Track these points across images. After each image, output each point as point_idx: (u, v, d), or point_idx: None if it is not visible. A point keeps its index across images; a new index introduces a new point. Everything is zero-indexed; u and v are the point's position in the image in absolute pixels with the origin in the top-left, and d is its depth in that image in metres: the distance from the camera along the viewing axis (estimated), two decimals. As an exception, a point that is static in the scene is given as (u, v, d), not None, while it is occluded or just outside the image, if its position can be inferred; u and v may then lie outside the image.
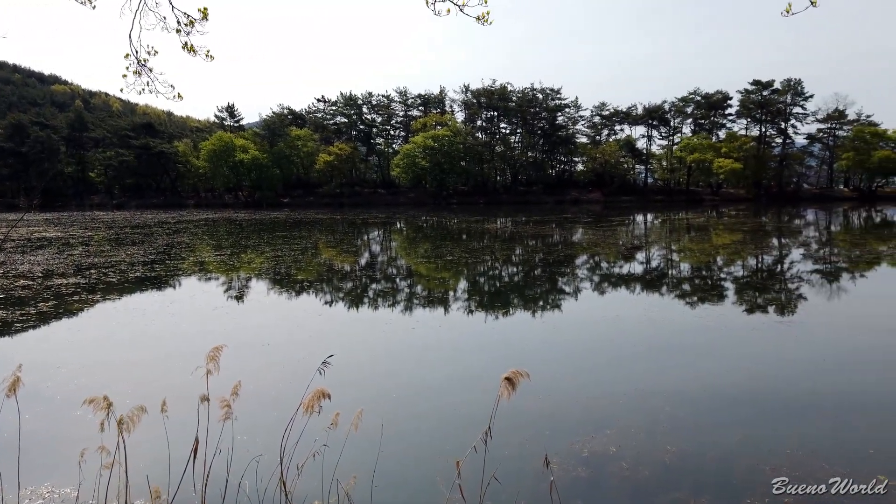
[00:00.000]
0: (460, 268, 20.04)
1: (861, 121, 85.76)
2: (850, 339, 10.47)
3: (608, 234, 33.24)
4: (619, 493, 5.09)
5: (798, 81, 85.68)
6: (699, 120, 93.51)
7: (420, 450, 6.04)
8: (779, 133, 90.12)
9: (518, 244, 28.60)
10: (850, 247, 25.58)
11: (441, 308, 13.57)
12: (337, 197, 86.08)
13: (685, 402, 7.19)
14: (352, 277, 18.92)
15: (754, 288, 15.99)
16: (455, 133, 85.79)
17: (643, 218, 51.31)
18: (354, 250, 26.94)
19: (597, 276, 18.59)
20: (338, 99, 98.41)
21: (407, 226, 44.32)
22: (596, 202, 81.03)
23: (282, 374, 8.45)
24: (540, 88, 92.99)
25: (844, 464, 5.44)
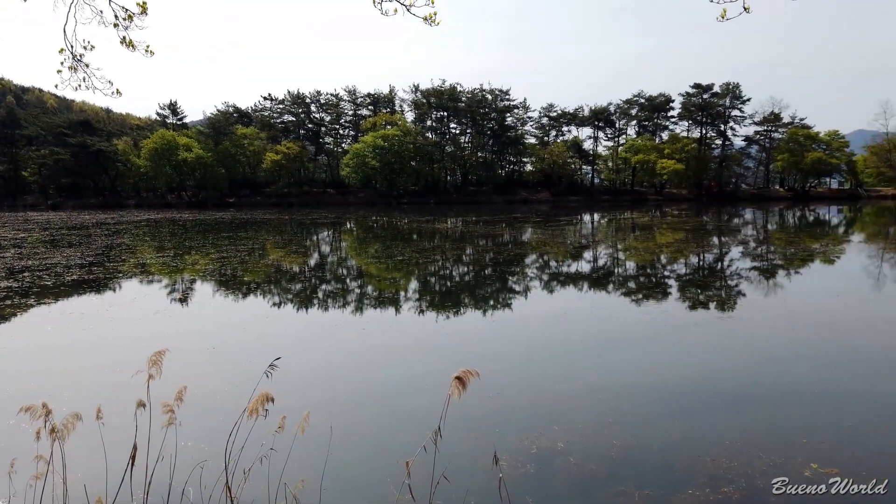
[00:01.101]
0: (411, 268, 20.02)
1: (795, 124, 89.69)
2: (786, 333, 10.92)
3: (557, 234, 33.77)
4: (567, 488, 5.17)
5: (736, 85, 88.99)
6: (643, 122, 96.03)
7: (369, 451, 6.00)
8: (718, 135, 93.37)
9: (468, 244, 28.75)
10: (786, 245, 26.69)
11: (392, 308, 13.52)
12: (285, 197, 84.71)
13: (631, 397, 7.36)
14: (300, 279, 18.66)
15: (696, 285, 16.50)
16: (405, 133, 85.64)
17: (590, 217, 52.33)
18: (303, 251, 26.57)
19: (546, 274, 18.86)
20: (285, 97, 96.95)
21: (357, 226, 43.99)
22: (545, 202, 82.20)
23: (228, 379, 8.27)
24: (489, 89, 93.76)
25: (779, 453, 5.67)
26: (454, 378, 3.72)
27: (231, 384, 7.98)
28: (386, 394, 7.77)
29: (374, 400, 7.56)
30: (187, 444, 5.83)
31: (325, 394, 7.72)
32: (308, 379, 8.30)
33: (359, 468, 5.63)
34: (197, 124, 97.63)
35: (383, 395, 7.74)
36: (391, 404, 7.33)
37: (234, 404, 6.62)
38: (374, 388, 8.02)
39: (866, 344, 9.95)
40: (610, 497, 4.99)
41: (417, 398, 7.44)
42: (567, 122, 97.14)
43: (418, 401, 7.32)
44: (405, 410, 7.05)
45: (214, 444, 5.77)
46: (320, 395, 7.61)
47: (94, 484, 4.51)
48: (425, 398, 7.29)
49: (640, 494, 5.01)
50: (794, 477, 5.20)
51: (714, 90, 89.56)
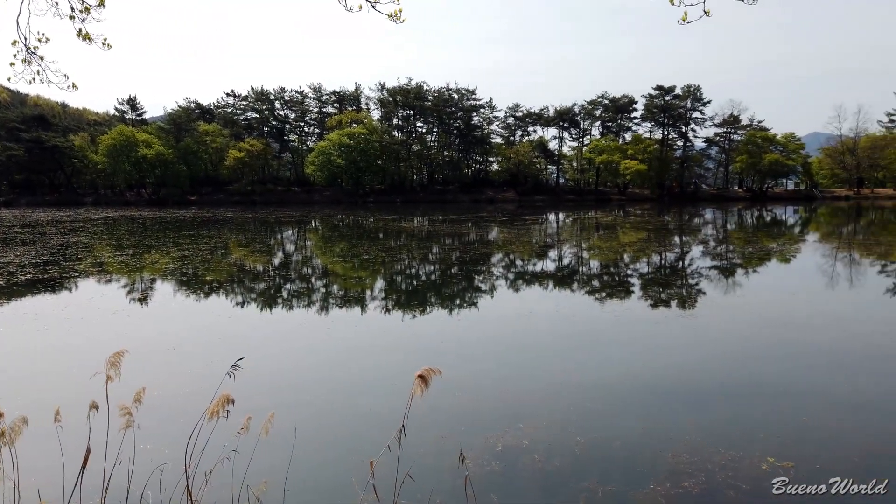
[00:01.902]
0: (377, 267, 19.93)
1: (753, 126, 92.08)
2: (745, 330, 11.20)
3: (522, 233, 34.01)
4: (532, 485, 5.21)
5: (697, 88, 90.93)
6: (607, 122, 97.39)
7: (334, 451, 5.95)
8: (680, 136, 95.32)
9: (435, 243, 28.75)
10: (744, 244, 27.36)
11: (357, 307, 13.44)
12: (248, 195, 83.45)
13: (594, 394, 7.46)
14: (264, 278, 18.42)
15: (658, 283, 16.80)
16: (371, 131, 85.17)
17: (555, 217, 52.84)
18: (267, 250, 26.23)
19: (511, 273, 18.97)
20: (249, 94, 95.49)
21: (322, 224, 43.61)
22: (511, 201, 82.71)
23: (189, 380, 8.11)
24: (455, 88, 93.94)
25: (738, 447, 5.81)
26: (417, 376, 3.72)
27: (192, 385, 7.83)
28: (351, 394, 7.72)
29: (339, 400, 7.50)
30: (146, 447, 5.71)
31: (290, 394, 7.63)
32: (272, 379, 8.19)
33: (323, 469, 5.58)
34: (157, 120, 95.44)
35: (348, 395, 7.69)
36: (356, 404, 7.29)
37: (196, 406, 6.49)
38: (340, 388, 7.96)
39: (820, 340, 10.26)
40: (574, 493, 5.05)
41: (383, 398, 7.41)
42: (532, 123, 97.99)
43: (384, 400, 7.29)
44: (370, 410, 7.02)
45: (175, 447, 5.66)
46: (284, 396, 7.53)
47: (48, 489, 4.38)
48: (391, 398, 7.27)
49: (603, 490, 5.07)
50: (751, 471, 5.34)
51: (676, 92, 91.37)
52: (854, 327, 11.28)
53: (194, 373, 8.44)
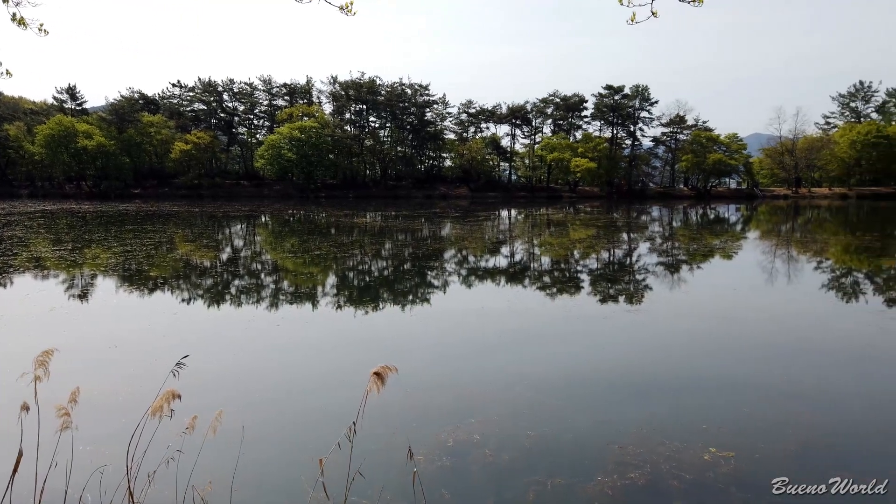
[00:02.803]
0: (329, 262, 19.71)
1: (698, 126, 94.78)
2: (689, 325, 11.54)
3: (475, 229, 34.18)
4: (482, 480, 5.25)
5: (645, 88, 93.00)
6: (558, 121, 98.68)
7: (283, 450, 5.86)
8: (628, 135, 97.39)
9: (388, 238, 28.62)
10: (689, 241, 28.17)
11: (308, 304, 13.26)
12: (195, 188, 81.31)
13: (544, 388, 7.55)
14: (212, 274, 17.99)
15: (607, 280, 17.13)
16: (323, 125, 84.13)
17: (508, 213, 53.30)
18: (215, 245, 25.62)
19: (464, 269, 19.05)
20: (195, 84, 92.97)
21: (272, 219, 42.86)
22: (463, 197, 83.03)
23: (131, 379, 7.85)
24: (409, 84, 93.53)
25: (681, 439, 5.98)
26: (372, 373, 3.69)
27: (134, 385, 7.59)
28: (301, 391, 7.61)
29: (288, 397, 7.39)
30: (85, 449, 5.50)
31: (238, 392, 7.48)
32: (219, 377, 8.01)
33: (271, 467, 5.49)
34: (98, 110, 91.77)
35: (298, 392, 7.58)
36: (306, 401, 7.19)
37: (138, 405, 6.30)
38: (289, 386, 7.85)
39: (758, 334, 10.65)
40: (523, 486, 5.11)
41: (334, 395, 7.34)
42: (485, 119, 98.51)
43: (334, 398, 7.22)
44: (321, 408, 6.94)
45: (115, 448, 5.48)
46: (232, 394, 7.37)
47: (-23, 495, 4.16)
48: (342, 395, 7.20)
49: (551, 483, 5.15)
50: (693, 461, 5.51)
51: (625, 92, 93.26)
52: (790, 321, 11.75)
53: (136, 372, 8.18)
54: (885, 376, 8.25)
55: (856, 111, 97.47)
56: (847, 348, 9.58)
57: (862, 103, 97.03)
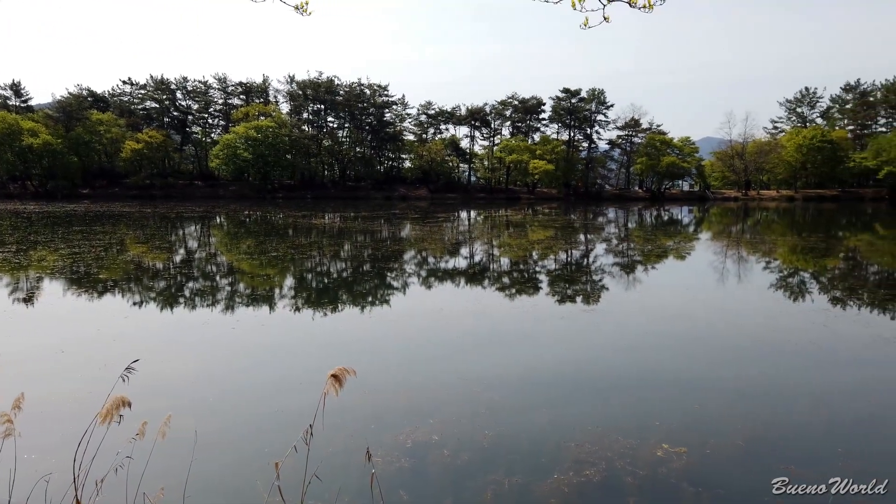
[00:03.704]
0: (286, 264, 19.46)
1: (652, 129, 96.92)
2: (643, 324, 11.78)
3: (434, 231, 34.21)
4: (441, 480, 5.26)
5: (601, 91, 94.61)
6: (517, 123, 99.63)
7: (238, 454, 5.76)
8: (585, 138, 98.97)
9: (347, 240, 28.41)
10: (644, 242, 28.77)
11: (265, 306, 13.06)
12: (147, 189, 79.24)
13: (502, 388, 7.61)
14: (164, 276, 17.55)
15: (564, 280, 17.36)
16: (280, 125, 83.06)
17: (467, 215, 53.50)
18: (168, 246, 25.00)
19: (424, 271, 19.05)
20: (147, 82, 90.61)
21: (228, 220, 42.08)
22: (423, 199, 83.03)
23: (79, 384, 7.60)
24: (367, 84, 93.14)
25: (636, 436, 6.10)
26: (330, 376, 3.66)
27: (82, 390, 7.35)
28: (257, 394, 7.49)
29: (243, 401, 7.26)
30: (30, 457, 5.31)
31: (190, 396, 7.31)
32: (171, 382, 7.82)
33: (225, 472, 5.39)
34: (45, 107, 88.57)
35: (254, 395, 7.46)
36: (262, 405, 7.08)
37: (86, 412, 6.10)
38: (244, 389, 7.71)
39: (710, 332, 10.95)
40: (481, 485, 5.13)
41: (290, 398, 7.24)
42: (445, 121, 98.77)
43: (291, 401, 7.13)
44: (277, 411, 6.84)
45: (62, 455, 5.31)
46: (185, 399, 7.20)
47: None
48: (299, 398, 7.11)
49: (509, 481, 5.19)
50: (647, 458, 5.63)
51: (581, 95, 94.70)
52: (740, 320, 12.11)
53: (84, 377, 7.92)
54: (828, 372, 8.57)
55: (802, 116, 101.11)
56: (794, 345, 9.92)
57: (808, 109, 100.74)
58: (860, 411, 6.97)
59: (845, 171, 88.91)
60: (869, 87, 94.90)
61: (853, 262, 21.60)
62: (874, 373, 8.52)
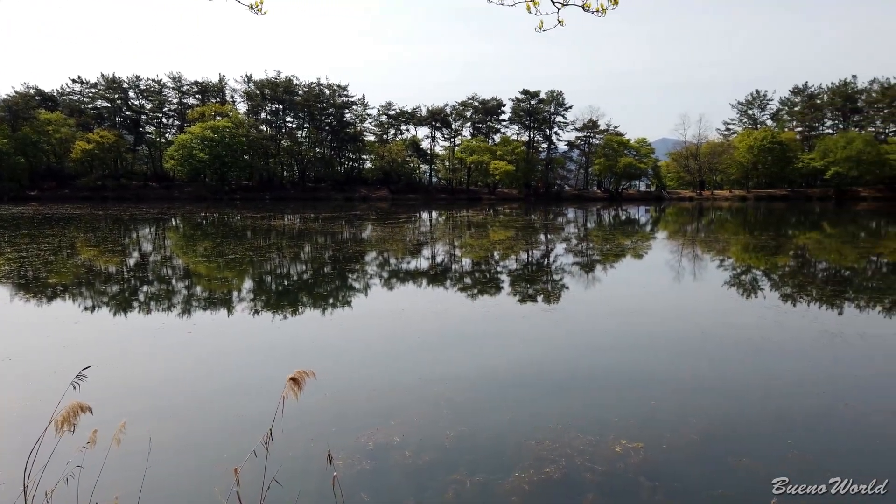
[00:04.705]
0: (244, 266, 19.15)
1: (610, 131, 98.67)
2: (602, 322, 11.98)
3: (396, 231, 34.12)
4: (402, 481, 5.25)
5: (560, 93, 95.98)
6: (477, 124, 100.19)
7: (195, 460, 5.65)
8: (544, 139, 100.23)
9: (307, 241, 28.11)
10: (602, 242, 29.23)
11: (223, 310, 12.84)
12: (99, 190, 76.96)
13: (464, 388, 7.64)
14: (118, 280, 17.08)
15: (525, 280, 17.52)
16: (237, 125, 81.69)
17: (429, 215, 53.51)
18: (121, 250, 24.33)
19: (385, 271, 18.98)
20: (98, 81, 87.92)
21: (184, 222, 41.19)
22: (384, 199, 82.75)
23: (27, 393, 7.35)
24: (327, 84, 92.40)
25: (594, 432, 6.20)
26: (289, 379, 3.62)
27: (31, 399, 7.11)
28: (214, 399, 7.36)
29: (201, 406, 7.12)
30: (-26, 471, 5.11)
31: (145, 403, 7.14)
32: (125, 388, 7.62)
33: (182, 479, 5.28)
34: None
35: (212, 400, 7.32)
36: (220, 410, 6.96)
37: (35, 421, 5.92)
38: (202, 395, 7.56)
39: (667, 330, 11.19)
40: (442, 485, 5.15)
41: (250, 402, 7.13)
42: (405, 122, 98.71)
43: (250, 405, 7.02)
44: (236, 416, 6.73)
45: (10, 467, 5.13)
46: (139, 405, 7.02)
47: None
48: (258, 402, 7.01)
49: (471, 481, 5.21)
50: (606, 454, 5.73)
51: (540, 97, 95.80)
52: (696, 317, 12.42)
53: (34, 386, 7.66)
54: (779, 367, 8.85)
55: (753, 118, 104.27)
56: (746, 341, 10.21)
57: (758, 111, 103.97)
58: (808, 404, 7.22)
59: (794, 171, 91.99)
60: (816, 90, 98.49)
61: (802, 260, 22.36)
62: (821, 366, 8.84)
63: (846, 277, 18.26)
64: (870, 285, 16.66)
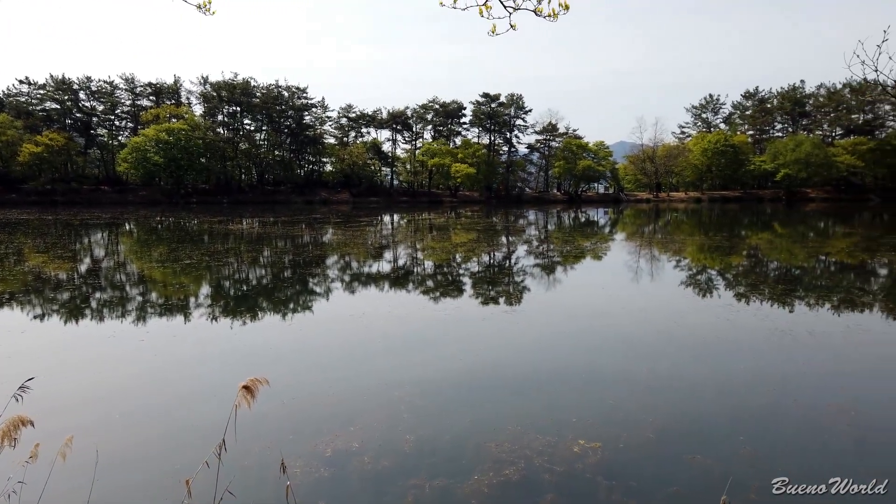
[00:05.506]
0: (201, 272, 18.75)
1: (569, 134, 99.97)
2: (561, 323, 12.10)
3: (357, 235, 33.89)
4: (361, 487, 5.20)
5: (520, 96, 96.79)
6: (438, 127, 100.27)
7: (145, 473, 5.49)
8: (505, 142, 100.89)
9: (266, 245, 27.68)
10: (562, 243, 29.56)
11: (178, 316, 12.53)
12: (48, 194, 74.39)
13: (423, 392, 7.61)
14: (68, 287, 16.52)
15: (487, 282, 17.58)
16: (193, 127, 79.95)
17: (390, 218, 53.31)
18: (71, 255, 23.57)
19: (346, 275, 18.82)
20: (47, 81, 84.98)
21: (138, 227, 40.14)
22: (345, 202, 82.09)
23: (-32, 406, 7.03)
24: (285, 86, 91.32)
25: (553, 433, 6.25)
26: (241, 387, 3.55)
27: (-28, 413, 6.80)
28: (167, 409, 7.16)
29: (152, 417, 6.93)
30: None
31: (92, 414, 6.91)
32: (72, 399, 7.37)
33: (131, 493, 5.12)
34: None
35: (164, 410, 7.13)
36: (173, 420, 6.78)
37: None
38: (153, 405, 7.35)
39: (624, 330, 11.36)
40: (402, 490, 5.11)
41: (204, 412, 6.97)
42: (366, 124, 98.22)
43: (205, 415, 6.86)
44: (189, 426, 6.57)
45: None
46: (86, 417, 6.80)
47: None
48: (212, 411, 6.85)
49: (430, 485, 5.19)
50: (565, 454, 5.77)
51: (501, 100, 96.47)
52: (652, 317, 12.63)
53: (-25, 398, 7.33)
54: (732, 365, 9.07)
55: (706, 121, 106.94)
56: (701, 340, 10.45)
57: (712, 114, 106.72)
58: (759, 401, 7.41)
59: (746, 173, 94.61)
60: (766, 95, 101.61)
61: (755, 260, 22.99)
62: (772, 363, 9.09)
63: (796, 276, 18.85)
64: (818, 284, 17.23)
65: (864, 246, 26.30)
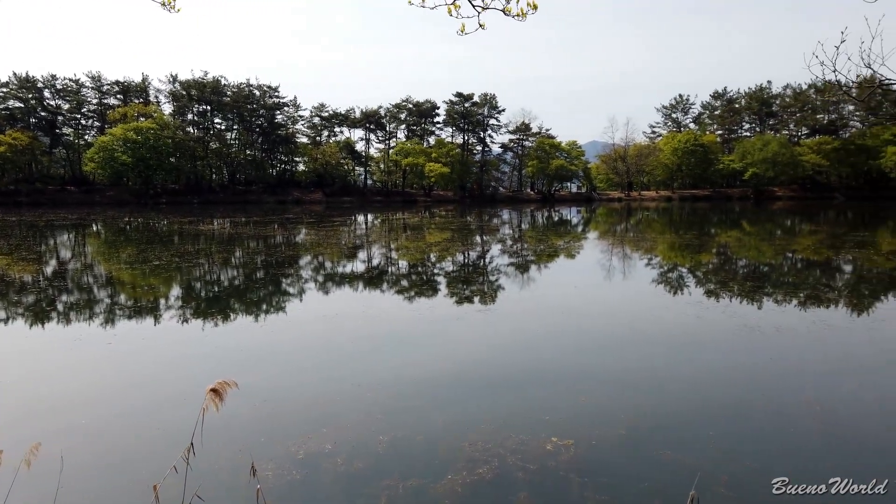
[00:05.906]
0: (171, 273, 18.45)
1: (542, 134, 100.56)
2: (534, 322, 12.15)
3: (330, 234, 33.67)
4: (334, 489, 5.16)
5: (493, 96, 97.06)
6: (412, 126, 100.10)
7: (111, 479, 5.37)
8: (479, 142, 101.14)
9: (237, 246, 27.35)
10: (536, 242, 29.73)
11: (147, 319, 12.31)
12: (12, 195, 72.53)
13: (397, 392, 7.59)
14: (32, 290, 16.12)
15: (461, 281, 17.60)
16: (162, 126, 78.66)
17: (364, 218, 53.09)
18: (36, 257, 23.00)
19: (320, 276, 18.68)
20: (9, 80, 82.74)
21: (105, 228, 39.36)
22: (318, 202, 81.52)
23: (-73, 414, 6.82)
24: (257, 85, 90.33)
25: (526, 431, 6.27)
26: (209, 390, 3.49)
27: (-69, 421, 6.60)
28: (134, 414, 7.02)
29: (119, 422, 6.78)
30: None
31: (57, 420, 6.74)
32: (35, 405, 7.18)
33: (98, 499, 5.00)
34: None
35: (131, 415, 6.99)
36: (140, 425, 6.65)
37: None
38: (121, 409, 7.21)
39: (595, 327, 11.48)
40: (375, 492, 5.08)
41: (172, 416, 6.85)
42: (339, 123, 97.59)
43: (173, 419, 6.74)
44: (157, 431, 6.45)
45: None
46: (50, 423, 6.63)
47: None
48: (181, 415, 6.74)
49: (403, 486, 5.17)
50: (537, 452, 5.80)
51: (474, 100, 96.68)
52: (624, 314, 12.78)
53: (-66, 405, 7.12)
54: (701, 360, 9.22)
55: (677, 121, 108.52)
56: (672, 336, 10.59)
57: (682, 114, 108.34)
58: (727, 396, 7.54)
59: (716, 172, 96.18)
60: (735, 95, 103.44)
61: (724, 257, 23.39)
62: (740, 359, 9.25)
63: (764, 273, 19.22)
64: (785, 280, 17.59)
65: (829, 243, 26.93)
